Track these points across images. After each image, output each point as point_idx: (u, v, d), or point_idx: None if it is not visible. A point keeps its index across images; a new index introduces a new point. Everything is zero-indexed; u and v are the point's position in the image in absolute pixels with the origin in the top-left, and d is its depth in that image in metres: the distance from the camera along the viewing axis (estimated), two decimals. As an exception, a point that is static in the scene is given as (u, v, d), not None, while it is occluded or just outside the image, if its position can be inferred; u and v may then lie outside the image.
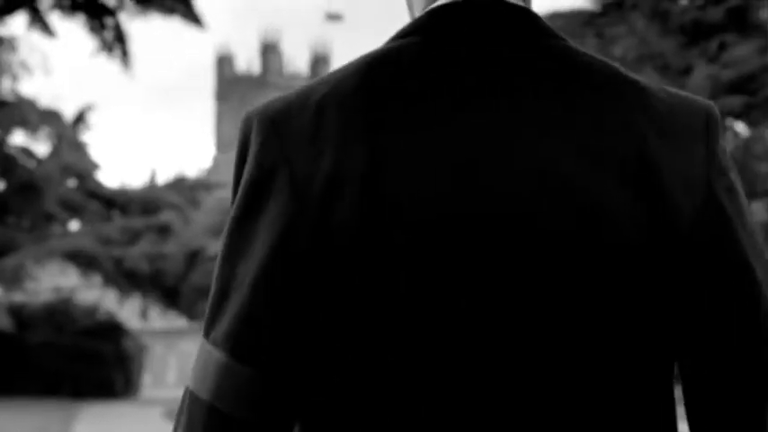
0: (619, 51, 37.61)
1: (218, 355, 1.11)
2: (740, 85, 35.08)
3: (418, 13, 1.20)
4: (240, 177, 1.15)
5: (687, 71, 36.29)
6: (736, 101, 34.88)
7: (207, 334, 1.13)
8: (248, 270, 1.10)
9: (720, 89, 35.00)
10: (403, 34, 1.17)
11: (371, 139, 1.08)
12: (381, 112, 1.09)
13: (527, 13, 1.17)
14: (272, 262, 1.09)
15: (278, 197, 1.10)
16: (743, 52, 34.82)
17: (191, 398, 1.13)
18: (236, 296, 1.10)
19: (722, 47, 35.81)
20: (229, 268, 1.12)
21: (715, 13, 36.19)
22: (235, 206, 1.14)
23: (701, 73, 34.94)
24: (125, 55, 32.58)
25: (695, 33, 37.57)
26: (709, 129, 1.18)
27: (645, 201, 1.10)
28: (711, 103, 1.23)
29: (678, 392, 1.20)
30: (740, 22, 36.60)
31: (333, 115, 1.10)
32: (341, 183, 1.07)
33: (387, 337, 1.08)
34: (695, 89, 35.07)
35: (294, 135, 1.11)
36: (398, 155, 1.08)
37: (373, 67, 1.13)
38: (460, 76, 1.11)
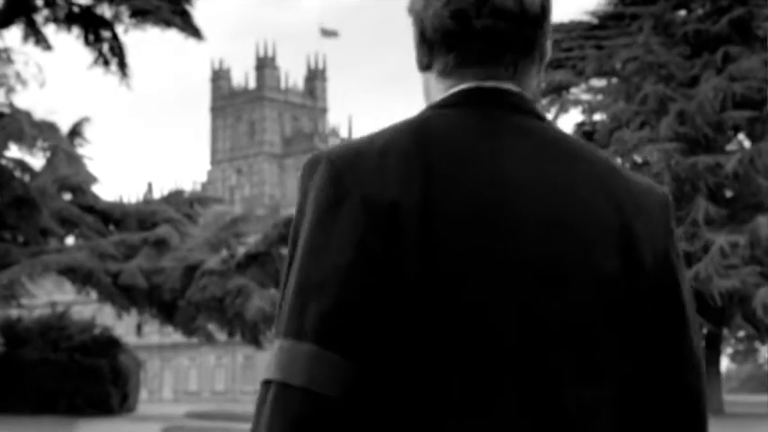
0: (619, 63, 37.45)
1: (306, 346, 1.35)
2: (748, 99, 34.88)
3: (438, 96, 1.54)
4: (303, 207, 1.44)
5: (692, 83, 36.06)
6: (743, 115, 34.68)
7: (287, 332, 1.37)
8: (326, 275, 1.37)
9: (728, 103, 34.80)
10: (437, 106, 1.52)
11: (424, 177, 1.40)
12: (431, 159, 1.42)
13: (533, 102, 1.53)
14: (351, 265, 1.37)
15: (352, 213, 1.38)
16: (750, 65, 34.63)
17: (280, 386, 1.35)
18: (317, 297, 1.36)
19: (726, 58, 35.64)
20: (304, 276, 1.39)
21: (719, 24, 36.01)
22: (308, 222, 1.41)
23: (711, 85, 34.72)
24: (122, 67, 32.34)
25: (699, 44, 37.43)
26: (669, 210, 1.56)
27: (622, 253, 1.46)
28: (666, 189, 1.60)
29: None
30: (743, 32, 36.42)
31: (394, 158, 1.42)
32: (401, 208, 1.39)
33: (437, 342, 1.37)
34: (703, 101, 34.85)
35: (363, 169, 1.41)
36: (444, 191, 1.41)
37: (422, 126, 1.47)
38: (484, 137, 1.47)
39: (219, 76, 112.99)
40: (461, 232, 1.39)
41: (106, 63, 32.22)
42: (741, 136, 38.62)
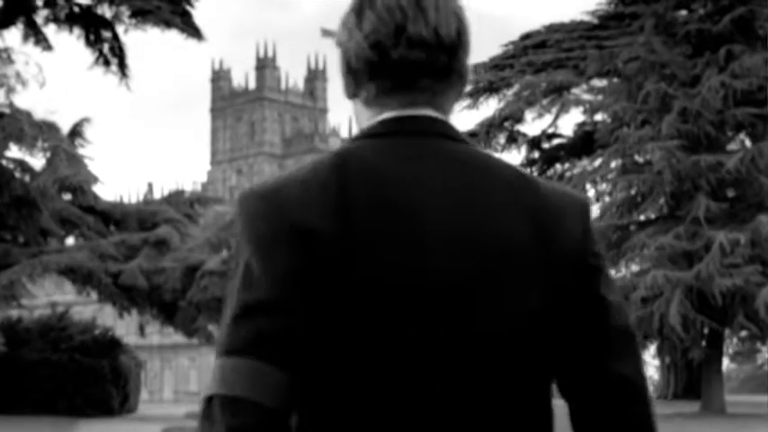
0: (621, 63, 37.37)
1: (247, 361, 1.49)
2: (750, 96, 34.76)
3: (364, 122, 1.66)
4: (240, 239, 1.57)
5: (694, 82, 35.95)
6: (746, 112, 34.58)
7: (229, 351, 1.51)
8: (260, 299, 1.51)
9: (730, 101, 34.70)
10: (360, 137, 1.63)
11: (343, 206, 1.52)
12: (350, 188, 1.53)
13: (451, 125, 1.65)
14: (281, 290, 1.51)
15: (280, 242, 1.52)
16: (752, 63, 34.51)
17: (224, 399, 1.48)
18: (254, 319, 1.51)
19: (729, 57, 35.52)
20: (241, 302, 1.53)
21: (720, 24, 35.89)
22: (244, 253, 1.55)
23: (714, 82, 34.59)
24: (122, 68, 32.28)
25: (701, 43, 37.32)
26: (585, 214, 1.66)
27: (543, 253, 1.57)
28: (587, 196, 1.82)
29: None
30: (746, 31, 36.32)
31: (315, 190, 1.54)
32: (323, 235, 1.51)
33: (360, 350, 1.52)
34: (706, 98, 34.76)
35: (288, 202, 1.54)
36: (362, 218, 1.53)
37: (343, 158, 1.58)
38: (402, 163, 1.57)
39: (220, 77, 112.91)
40: (378, 254, 1.53)
41: (107, 63, 32.17)
42: (743, 135, 38.56)
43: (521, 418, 1.59)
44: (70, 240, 33.17)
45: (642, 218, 38.76)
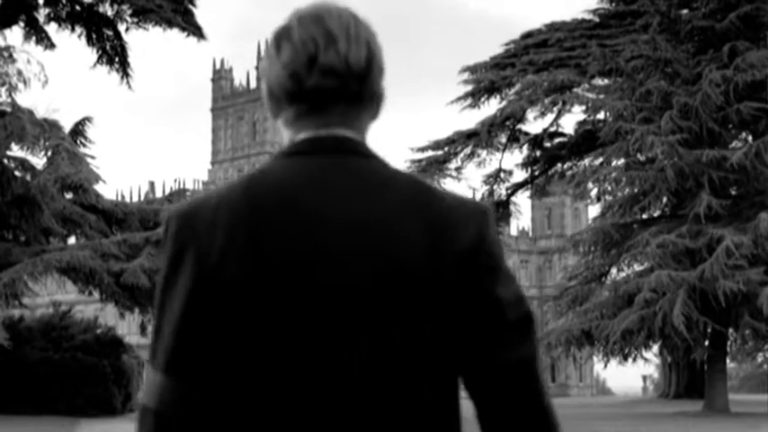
0: (623, 61, 37.27)
1: (159, 377, 1.71)
2: (753, 91, 34.64)
3: (286, 141, 1.82)
4: (163, 250, 1.74)
5: (697, 80, 35.81)
6: (749, 107, 34.44)
7: (151, 363, 1.73)
8: (172, 317, 1.71)
9: (732, 95, 34.57)
10: (278, 156, 1.79)
11: (249, 226, 1.67)
12: (257, 208, 1.69)
13: (362, 144, 1.79)
14: (186, 310, 1.70)
15: (188, 264, 1.69)
16: (756, 57, 34.36)
17: (144, 408, 1.73)
18: (165, 336, 1.71)
19: (733, 54, 35.36)
20: (161, 316, 1.73)
21: (725, 21, 35.73)
22: (163, 271, 1.74)
23: (714, 78, 34.45)
24: (124, 66, 32.22)
25: (705, 41, 37.17)
26: (482, 220, 1.76)
27: (438, 258, 1.70)
28: (486, 205, 1.82)
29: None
30: (751, 29, 36.16)
31: (224, 211, 1.70)
32: (228, 254, 1.67)
33: (258, 361, 1.67)
34: (707, 92, 34.63)
35: (199, 224, 1.70)
36: (266, 236, 1.67)
37: (255, 179, 1.74)
38: (311, 180, 1.72)
39: (221, 76, 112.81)
40: (280, 276, 1.67)
41: (109, 62, 32.11)
42: (746, 131, 38.41)
43: (420, 417, 1.70)
44: (72, 239, 33.11)
45: (645, 216, 38.68)
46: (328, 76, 1.76)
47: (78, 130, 33.10)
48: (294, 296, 1.67)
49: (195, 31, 32.22)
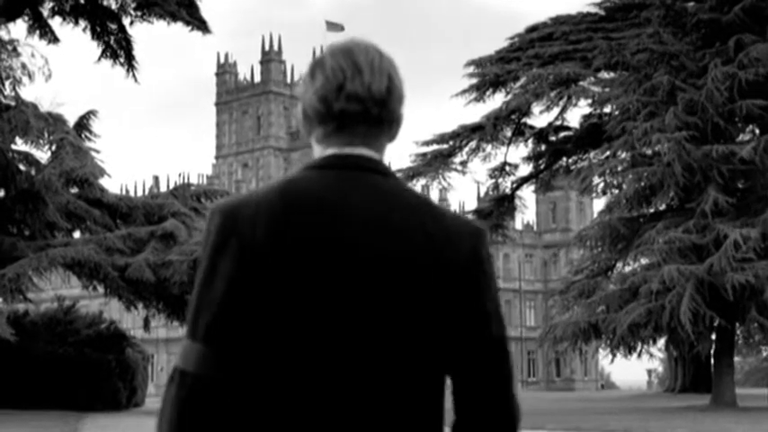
0: (629, 54, 37.09)
1: (198, 345, 1.96)
2: (760, 87, 34.46)
3: (317, 155, 2.11)
4: (205, 245, 2.01)
5: (703, 73, 35.63)
6: (754, 103, 34.28)
7: (188, 335, 1.99)
8: (215, 296, 1.96)
9: (736, 91, 34.40)
10: (308, 168, 2.08)
11: (284, 223, 1.96)
12: (291, 209, 1.97)
13: (381, 163, 2.07)
14: (228, 289, 1.96)
15: (231, 251, 1.96)
16: (761, 52, 34.17)
17: (181, 373, 1.97)
18: (205, 313, 1.97)
19: (739, 47, 35.18)
20: (203, 295, 1.98)
21: (731, 13, 35.53)
22: (207, 257, 2.00)
23: (718, 73, 34.29)
24: (129, 60, 32.14)
25: (710, 34, 36.99)
26: (477, 240, 2.06)
27: (438, 268, 1.99)
28: (482, 227, 2.10)
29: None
30: (757, 21, 35.97)
31: (264, 210, 1.98)
32: (266, 243, 1.95)
33: (291, 339, 1.95)
34: (711, 89, 34.48)
35: (241, 218, 1.97)
36: (298, 234, 1.96)
37: (289, 184, 2.02)
38: (336, 191, 2.01)
39: (225, 71, 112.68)
40: (309, 262, 1.95)
41: (114, 55, 32.03)
42: (752, 126, 38.23)
43: (414, 403, 2.00)
44: (76, 234, 33.04)
45: (652, 210, 38.52)
46: (353, 102, 2.06)
47: (83, 124, 33.02)
48: (319, 281, 1.96)
49: (200, 24, 32.13)
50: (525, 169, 44.94)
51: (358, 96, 2.06)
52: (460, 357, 2.03)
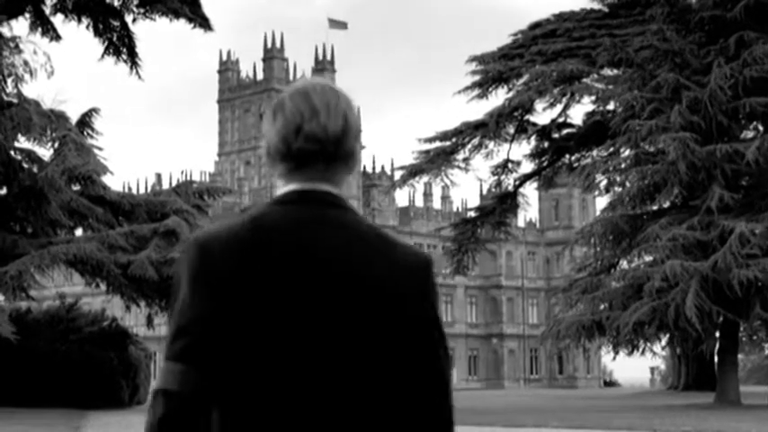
0: (632, 51, 37.00)
1: (179, 365, 2.12)
2: (764, 84, 34.36)
3: (280, 190, 2.28)
4: (181, 274, 2.19)
5: (707, 70, 35.54)
6: (758, 101, 34.19)
7: (168, 357, 2.14)
8: (190, 322, 2.14)
9: (741, 89, 34.31)
10: (272, 203, 2.26)
11: (254, 255, 2.15)
12: (261, 242, 2.17)
13: (338, 196, 2.26)
14: (203, 316, 2.14)
15: (205, 282, 2.15)
16: (764, 51, 34.06)
17: (164, 392, 2.12)
18: (183, 336, 2.14)
19: (741, 44, 35.09)
20: (181, 320, 2.15)
21: (734, 10, 35.43)
22: (183, 287, 2.17)
23: (722, 71, 34.19)
24: (132, 57, 32.06)
25: (714, 31, 36.87)
26: (428, 269, 2.27)
27: (391, 299, 2.20)
28: (429, 256, 2.32)
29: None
30: (760, 18, 35.87)
31: (235, 243, 2.18)
32: (238, 277, 2.14)
33: (256, 354, 2.13)
34: (714, 88, 34.38)
35: (212, 253, 2.16)
36: (267, 263, 2.15)
37: (258, 219, 2.21)
38: (299, 225, 2.20)
39: (227, 68, 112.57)
40: (276, 290, 2.14)
41: (116, 53, 31.95)
42: (756, 122, 38.14)
43: (375, 413, 2.19)
44: (79, 231, 32.98)
45: (655, 208, 38.44)
46: (310, 141, 2.24)
47: (85, 122, 32.95)
48: (286, 306, 2.15)
49: (202, 21, 32.05)
50: (528, 166, 44.90)
51: (315, 137, 2.23)
52: (404, 382, 2.22)
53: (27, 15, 31.20)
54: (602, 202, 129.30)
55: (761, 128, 37.64)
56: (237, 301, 2.14)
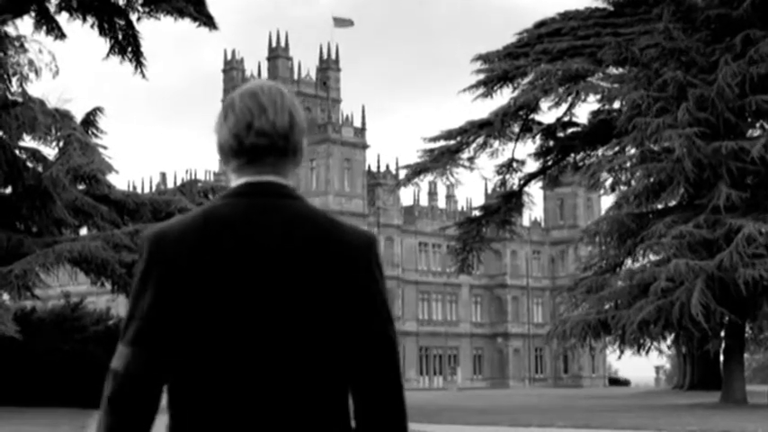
0: (638, 50, 36.92)
1: (128, 348, 2.34)
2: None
3: (232, 183, 2.44)
4: (139, 262, 2.39)
5: (713, 68, 35.45)
6: (765, 99, 34.08)
7: (122, 340, 2.37)
8: (142, 310, 2.34)
9: (748, 86, 34.21)
10: (224, 196, 2.42)
11: (207, 245, 2.33)
12: (212, 232, 2.34)
13: (286, 187, 2.43)
14: (153, 303, 2.33)
15: (155, 273, 2.33)
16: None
17: (114, 372, 2.37)
18: (136, 321, 2.35)
19: (748, 42, 35.00)
20: (134, 307, 2.36)
21: (741, 8, 35.33)
22: (137, 277, 2.36)
23: (730, 69, 34.10)
24: (137, 56, 32.03)
25: (720, 29, 36.80)
26: (371, 246, 2.42)
27: (337, 265, 2.35)
28: (374, 234, 2.48)
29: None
30: (766, 16, 35.78)
31: (190, 234, 2.35)
32: (187, 264, 2.32)
33: (202, 335, 2.31)
34: (722, 85, 34.28)
35: (166, 245, 2.34)
36: (217, 252, 2.32)
37: (210, 211, 2.38)
38: (248, 214, 2.37)
39: (232, 67, 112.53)
40: (223, 274, 2.31)
41: (121, 51, 31.93)
42: (762, 120, 38.03)
43: (320, 391, 2.34)
44: (84, 230, 32.96)
45: (661, 206, 38.36)
46: (261, 137, 2.41)
47: (90, 121, 32.93)
48: (231, 289, 2.31)
49: (206, 20, 32.02)
50: (533, 165, 44.85)
51: (265, 132, 2.40)
52: (353, 349, 2.36)
53: (32, 14, 31.19)
54: (607, 201, 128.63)
55: (767, 125, 37.55)
56: (187, 287, 2.31)
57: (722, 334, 36.30)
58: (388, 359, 2.39)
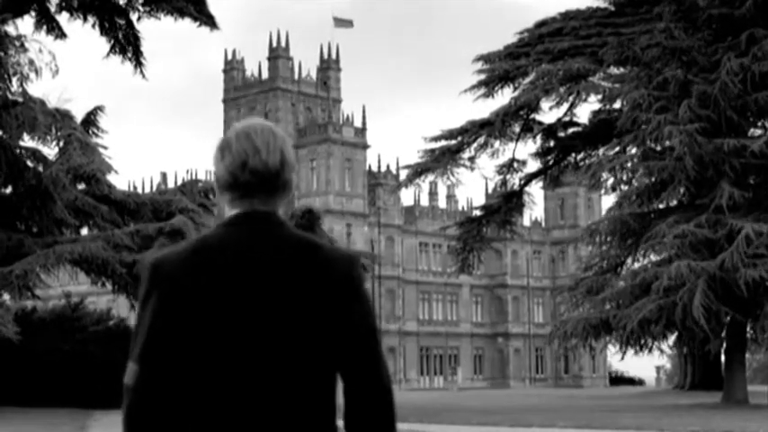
0: (639, 50, 36.87)
1: (136, 365, 2.56)
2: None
3: (226, 214, 2.69)
4: (143, 286, 2.61)
5: (714, 68, 35.41)
6: (767, 96, 34.03)
7: (131, 358, 2.58)
8: (144, 330, 2.57)
9: (750, 84, 34.15)
10: (220, 225, 2.66)
11: (202, 270, 2.56)
12: (208, 259, 2.57)
13: (275, 215, 2.67)
14: (153, 324, 2.56)
15: (155, 297, 2.57)
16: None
17: (126, 387, 2.57)
18: (140, 340, 2.57)
19: (751, 41, 34.94)
20: (139, 329, 2.58)
21: (743, 7, 35.27)
22: (139, 301, 2.61)
23: (733, 65, 34.05)
24: (137, 55, 31.99)
25: (722, 28, 36.74)
26: (351, 263, 2.65)
27: (320, 282, 2.59)
28: (358, 255, 3.72)
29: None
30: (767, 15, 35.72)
31: (181, 266, 2.57)
32: (188, 291, 2.55)
33: (201, 353, 2.54)
34: (725, 82, 34.23)
35: (164, 271, 2.57)
36: (213, 278, 2.55)
37: (205, 240, 2.62)
38: (241, 242, 2.61)
39: (233, 67, 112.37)
40: (217, 295, 2.54)
41: (122, 51, 31.89)
42: (763, 121, 37.98)
43: (308, 398, 2.57)
44: (84, 230, 32.93)
45: (662, 205, 38.31)
46: (254, 175, 2.64)
47: (90, 120, 32.90)
48: (225, 309, 2.54)
49: (207, 20, 31.99)
50: (533, 165, 44.81)
51: (258, 171, 2.64)
52: (340, 361, 2.60)
53: (32, 14, 31.15)
54: (607, 201, 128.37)
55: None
56: (185, 305, 2.54)
57: (723, 334, 36.26)
58: (373, 364, 2.62)
